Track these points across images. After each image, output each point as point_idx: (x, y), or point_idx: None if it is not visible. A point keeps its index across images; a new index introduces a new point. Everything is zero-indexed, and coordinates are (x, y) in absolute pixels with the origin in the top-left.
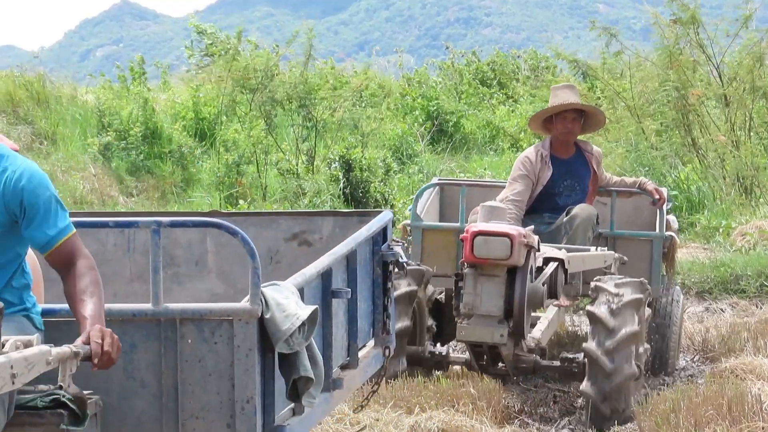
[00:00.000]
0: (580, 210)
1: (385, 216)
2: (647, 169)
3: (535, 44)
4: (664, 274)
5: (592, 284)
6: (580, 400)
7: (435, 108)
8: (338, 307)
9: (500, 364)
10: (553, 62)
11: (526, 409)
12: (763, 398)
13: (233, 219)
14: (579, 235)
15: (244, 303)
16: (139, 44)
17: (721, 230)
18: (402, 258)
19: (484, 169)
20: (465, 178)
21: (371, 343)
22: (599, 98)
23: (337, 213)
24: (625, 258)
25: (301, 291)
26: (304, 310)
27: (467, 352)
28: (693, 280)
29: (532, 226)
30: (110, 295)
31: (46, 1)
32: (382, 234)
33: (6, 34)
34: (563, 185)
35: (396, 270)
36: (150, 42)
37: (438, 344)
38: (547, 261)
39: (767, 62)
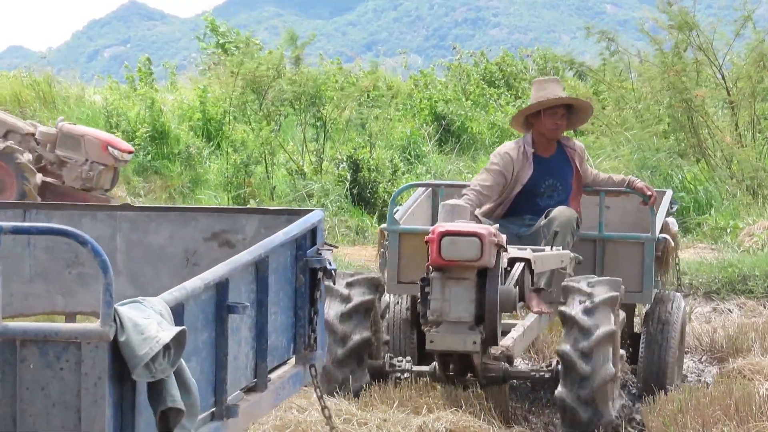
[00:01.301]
0: (559, 213)
1: (312, 216)
2: (652, 170)
3: (543, 45)
4: (658, 279)
5: (562, 284)
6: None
7: (442, 108)
8: (241, 322)
9: (468, 374)
10: (558, 60)
11: (533, 410)
12: None
13: (147, 214)
14: (558, 238)
15: (95, 324)
16: (146, 45)
17: (728, 231)
18: (330, 264)
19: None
20: (444, 180)
21: (292, 360)
22: (604, 99)
23: (263, 211)
24: (581, 257)
25: (181, 307)
26: (166, 332)
27: (434, 363)
28: (700, 280)
29: (497, 225)
30: (7, 296)
31: (53, 2)
32: (311, 236)
33: (13, 34)
34: (545, 185)
35: (324, 278)
36: (158, 42)
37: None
38: (512, 262)
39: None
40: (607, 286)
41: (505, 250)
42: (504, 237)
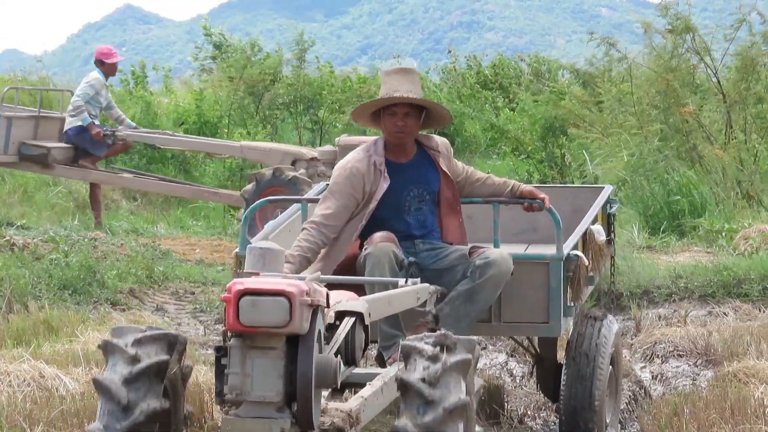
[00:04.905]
0: (501, 259)
1: None
2: (648, 171)
3: (538, 48)
4: (571, 305)
5: (401, 343)
6: None
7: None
8: None
9: None
10: (554, 65)
11: (528, 413)
12: (766, 402)
13: None
14: (487, 288)
15: None
16: (141, 48)
17: (723, 234)
18: None
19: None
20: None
21: None
22: (600, 102)
23: None
24: (443, 289)
25: None
26: None
27: None
28: (696, 283)
29: (318, 274)
30: None
31: (49, 5)
32: None
33: (9, 38)
34: (409, 198)
35: None
36: (153, 46)
37: None
38: (341, 316)
39: (760, 67)
40: (462, 346)
41: (327, 306)
42: (324, 291)
